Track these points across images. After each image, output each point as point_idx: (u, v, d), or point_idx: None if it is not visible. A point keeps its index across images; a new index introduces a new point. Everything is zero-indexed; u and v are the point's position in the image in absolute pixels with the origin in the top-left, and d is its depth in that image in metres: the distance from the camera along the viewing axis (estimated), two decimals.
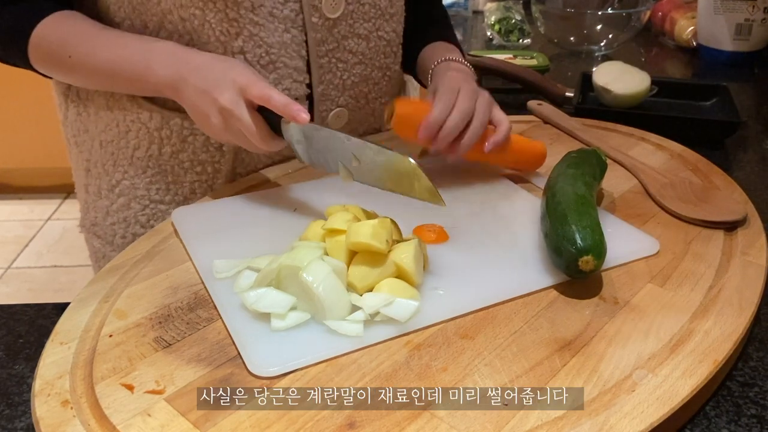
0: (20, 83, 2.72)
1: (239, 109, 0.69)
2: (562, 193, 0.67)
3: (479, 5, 1.85)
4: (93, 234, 0.92)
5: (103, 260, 0.92)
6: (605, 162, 0.78)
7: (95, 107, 0.85)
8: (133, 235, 0.88)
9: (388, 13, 0.88)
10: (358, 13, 0.84)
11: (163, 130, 0.82)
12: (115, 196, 0.87)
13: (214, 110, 0.70)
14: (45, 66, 0.79)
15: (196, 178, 0.85)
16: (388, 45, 0.90)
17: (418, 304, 0.57)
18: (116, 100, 0.83)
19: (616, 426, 0.48)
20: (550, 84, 1.16)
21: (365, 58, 0.88)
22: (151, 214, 0.87)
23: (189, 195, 0.86)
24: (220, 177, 0.86)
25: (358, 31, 0.85)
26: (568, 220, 0.62)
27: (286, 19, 0.78)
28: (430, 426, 0.48)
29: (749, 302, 0.61)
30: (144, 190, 0.86)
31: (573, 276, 0.62)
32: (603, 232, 0.62)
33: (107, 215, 0.89)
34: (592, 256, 0.60)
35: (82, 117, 0.87)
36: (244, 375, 0.53)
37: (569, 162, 0.75)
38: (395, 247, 0.61)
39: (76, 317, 0.60)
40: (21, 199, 2.95)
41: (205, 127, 0.73)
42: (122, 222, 0.88)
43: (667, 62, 1.52)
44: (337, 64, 0.85)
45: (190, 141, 0.83)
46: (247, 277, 0.61)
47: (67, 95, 0.88)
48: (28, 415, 0.54)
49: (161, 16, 0.76)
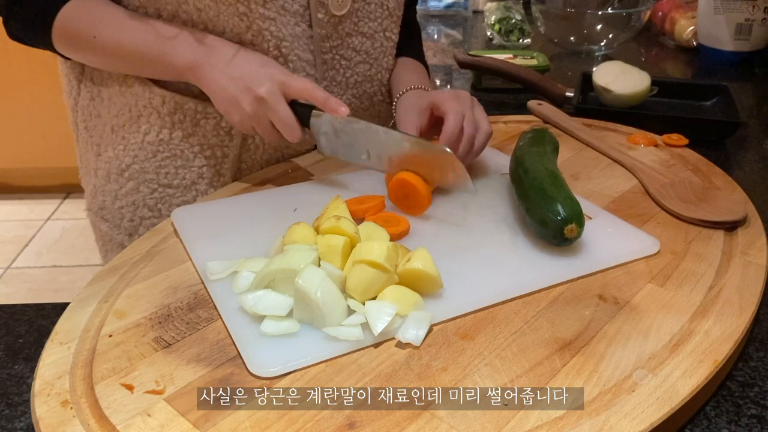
0: (20, 83, 2.73)
1: (277, 101, 0.75)
2: (535, 170, 0.72)
3: (479, 5, 1.85)
4: (100, 218, 0.93)
5: (110, 243, 0.93)
6: (556, 140, 0.83)
7: (108, 92, 0.87)
8: (141, 218, 0.89)
9: (395, 14, 0.89)
10: (363, 12, 0.85)
11: (177, 114, 0.84)
12: (125, 180, 0.89)
13: (249, 99, 0.74)
14: (68, 47, 0.81)
15: (205, 163, 0.87)
16: (394, 47, 0.91)
17: (429, 320, 0.57)
18: (129, 85, 0.85)
19: (616, 426, 0.48)
20: (550, 84, 1.16)
21: (369, 57, 0.88)
22: (159, 197, 0.88)
23: (196, 179, 0.87)
24: (227, 162, 0.87)
25: (362, 29, 0.86)
26: (549, 193, 0.67)
27: (296, 13, 0.80)
28: (430, 426, 0.48)
29: (749, 302, 0.61)
30: (153, 174, 0.87)
31: (559, 244, 0.66)
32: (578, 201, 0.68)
33: (116, 199, 0.90)
34: (576, 224, 0.65)
35: (95, 102, 0.89)
36: (244, 375, 0.53)
37: (529, 141, 0.79)
38: (410, 255, 0.60)
39: (76, 317, 0.60)
40: (21, 199, 2.95)
41: (231, 111, 0.77)
42: (130, 205, 0.89)
43: (667, 62, 1.52)
44: (341, 62, 0.86)
45: (202, 125, 0.85)
46: (245, 278, 0.61)
47: (80, 80, 0.89)
48: (27, 415, 0.54)
49: (176, 6, 0.78)
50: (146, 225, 0.89)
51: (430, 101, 0.81)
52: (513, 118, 1.05)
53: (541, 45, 1.54)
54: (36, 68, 2.65)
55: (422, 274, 0.59)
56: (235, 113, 0.76)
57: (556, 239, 0.66)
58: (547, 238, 0.67)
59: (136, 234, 0.90)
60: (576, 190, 0.72)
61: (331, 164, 0.87)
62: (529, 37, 1.54)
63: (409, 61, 0.97)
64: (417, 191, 0.73)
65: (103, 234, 0.94)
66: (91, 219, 0.96)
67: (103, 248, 0.96)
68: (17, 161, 2.91)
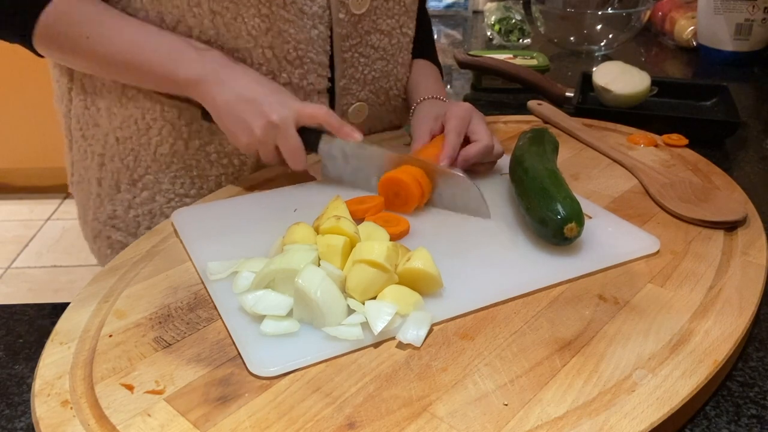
0: (20, 83, 2.73)
1: (289, 129, 0.74)
2: (534, 169, 0.72)
3: (479, 5, 1.86)
4: (111, 227, 0.91)
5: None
6: (556, 139, 0.83)
7: (105, 103, 0.84)
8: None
9: (412, 9, 0.90)
10: (382, 9, 0.86)
11: (193, 125, 0.83)
12: (138, 190, 0.87)
13: (261, 123, 0.74)
14: (54, 47, 0.76)
15: (223, 171, 0.86)
16: (411, 42, 0.92)
17: (430, 321, 0.57)
18: (130, 98, 0.82)
19: (616, 426, 0.48)
20: (550, 84, 1.16)
21: (387, 53, 0.89)
22: (176, 206, 0.86)
23: (215, 188, 0.87)
24: (246, 169, 0.87)
25: (381, 26, 0.87)
26: (549, 193, 0.68)
27: (314, 16, 0.80)
28: (430, 426, 0.48)
29: (749, 302, 0.61)
30: (169, 185, 0.86)
31: (559, 243, 0.67)
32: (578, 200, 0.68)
33: (129, 208, 0.88)
34: (575, 223, 0.65)
35: (90, 111, 0.86)
36: (244, 375, 0.53)
37: (528, 141, 0.79)
38: (410, 255, 0.60)
39: (76, 317, 0.60)
40: (21, 199, 2.96)
41: (239, 133, 0.75)
42: (147, 214, 0.88)
43: (667, 62, 1.52)
44: (360, 59, 0.87)
45: (218, 134, 0.84)
46: (245, 278, 0.61)
47: (70, 88, 0.87)
48: (27, 415, 0.54)
49: (184, 9, 0.75)
50: None
51: (442, 112, 0.83)
52: (513, 118, 1.05)
53: (541, 45, 1.54)
54: (36, 68, 2.62)
55: (422, 274, 0.59)
56: (243, 135, 0.75)
57: (556, 239, 0.66)
58: (547, 238, 0.67)
59: None
60: (576, 190, 0.72)
61: None
62: (529, 37, 1.54)
63: (427, 66, 0.98)
64: (405, 186, 0.73)
65: (114, 242, 0.92)
66: (93, 227, 0.93)
67: (112, 255, 0.92)
68: (17, 161, 2.91)
